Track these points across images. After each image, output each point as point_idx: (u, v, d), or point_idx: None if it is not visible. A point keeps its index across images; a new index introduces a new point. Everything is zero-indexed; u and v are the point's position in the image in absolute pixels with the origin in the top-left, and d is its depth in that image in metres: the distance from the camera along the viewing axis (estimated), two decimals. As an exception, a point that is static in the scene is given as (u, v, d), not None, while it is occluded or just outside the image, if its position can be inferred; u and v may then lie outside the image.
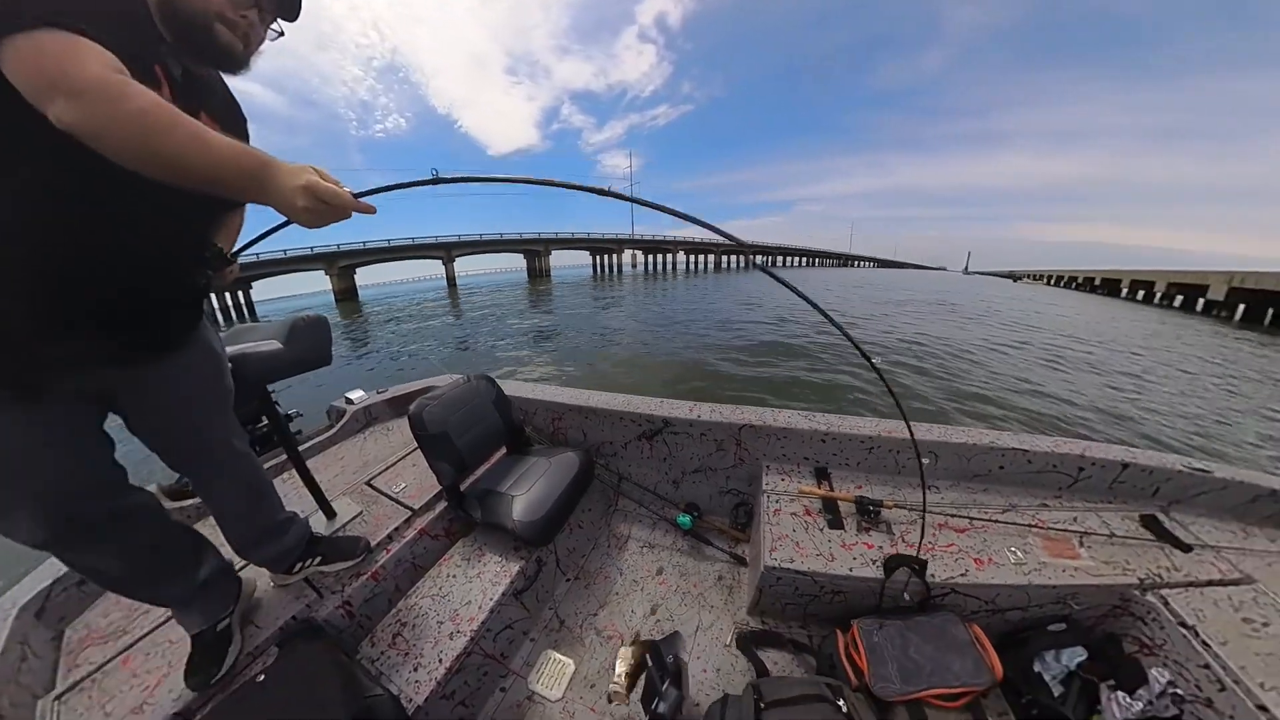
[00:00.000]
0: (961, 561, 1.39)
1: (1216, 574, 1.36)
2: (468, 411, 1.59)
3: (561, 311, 19.55)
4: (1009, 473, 1.71)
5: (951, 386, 7.74)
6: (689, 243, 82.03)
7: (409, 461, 1.80)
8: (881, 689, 1.17)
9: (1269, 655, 1.12)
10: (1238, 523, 1.59)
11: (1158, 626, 1.27)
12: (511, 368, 9.28)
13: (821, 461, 1.80)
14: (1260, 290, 21.98)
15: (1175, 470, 1.61)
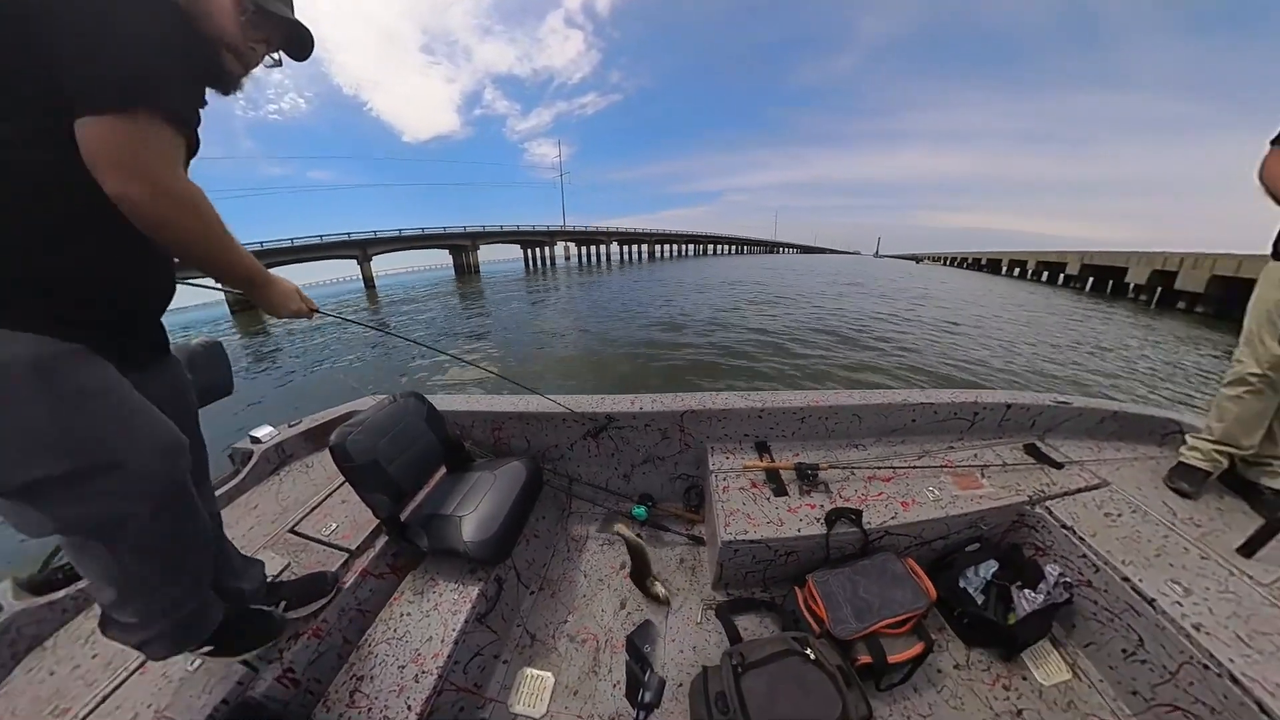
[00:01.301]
0: (890, 506, 1.54)
1: (1082, 483, 1.65)
2: (398, 434, 1.48)
3: (495, 311, 18.27)
4: (920, 424, 1.93)
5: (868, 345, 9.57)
6: (622, 233, 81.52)
7: (337, 498, 1.63)
8: (841, 630, 1.27)
9: (1124, 539, 1.39)
10: (1092, 440, 1.94)
11: (1046, 532, 1.52)
12: (443, 378, 8.59)
13: (761, 436, 1.91)
14: (1102, 266, 28.05)
15: (1045, 405, 1.93)
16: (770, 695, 1.09)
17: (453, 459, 1.70)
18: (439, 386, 8.09)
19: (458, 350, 10.84)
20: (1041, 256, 38.41)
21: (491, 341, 11.97)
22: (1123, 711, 1.22)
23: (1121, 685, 1.26)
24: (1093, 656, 1.34)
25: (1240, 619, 1.14)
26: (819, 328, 11.53)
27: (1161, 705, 1.16)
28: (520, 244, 64.23)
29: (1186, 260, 20.88)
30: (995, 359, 9.01)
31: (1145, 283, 22.94)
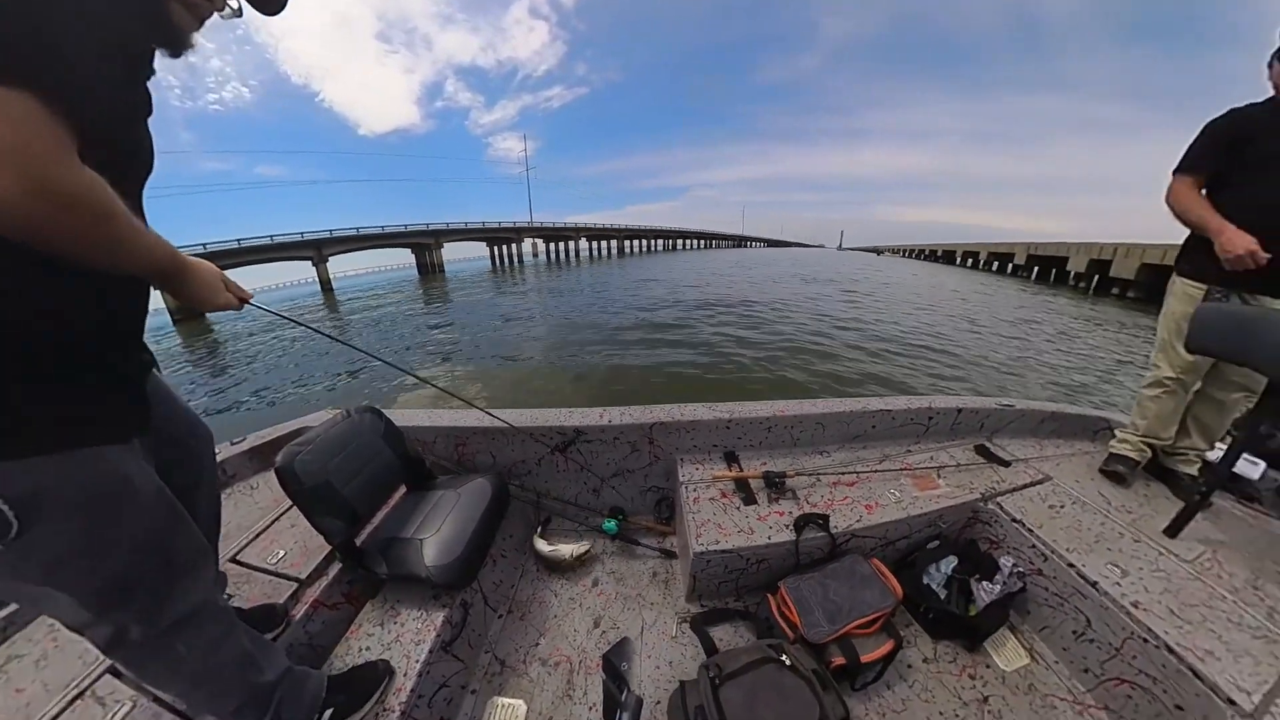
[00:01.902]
0: (855, 509, 1.59)
1: (1028, 479, 1.77)
2: (352, 453, 1.38)
3: (461, 314, 17.33)
4: (880, 430, 2.02)
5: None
6: (590, 229, 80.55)
7: (285, 523, 1.51)
8: (814, 634, 1.28)
9: (1068, 528, 1.50)
10: (1034, 439, 2.10)
11: (998, 526, 1.61)
12: (405, 390, 8.09)
13: (729, 446, 1.93)
14: (1046, 256, 31.03)
15: (992, 408, 2.08)
16: (749, 705, 1.07)
17: (413, 477, 1.61)
18: (407, 400, 7.72)
19: (419, 361, 10.40)
20: (992, 248, 41.73)
21: (457, 350, 11.45)
22: (1077, 689, 1.29)
23: (1074, 664, 1.33)
24: (1047, 639, 1.41)
25: (1171, 594, 1.24)
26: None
27: (1110, 680, 1.23)
28: (486, 241, 61.50)
29: (1120, 250, 23.06)
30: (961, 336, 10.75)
31: (1084, 271, 25.33)
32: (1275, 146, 1.47)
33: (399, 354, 11.24)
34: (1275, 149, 1.47)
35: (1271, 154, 1.47)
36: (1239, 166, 1.52)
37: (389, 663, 1.11)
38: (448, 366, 9.81)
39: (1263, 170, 1.47)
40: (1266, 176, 1.46)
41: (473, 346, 11.70)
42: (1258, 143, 1.50)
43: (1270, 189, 1.45)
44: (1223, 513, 1.57)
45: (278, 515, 1.52)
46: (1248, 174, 1.50)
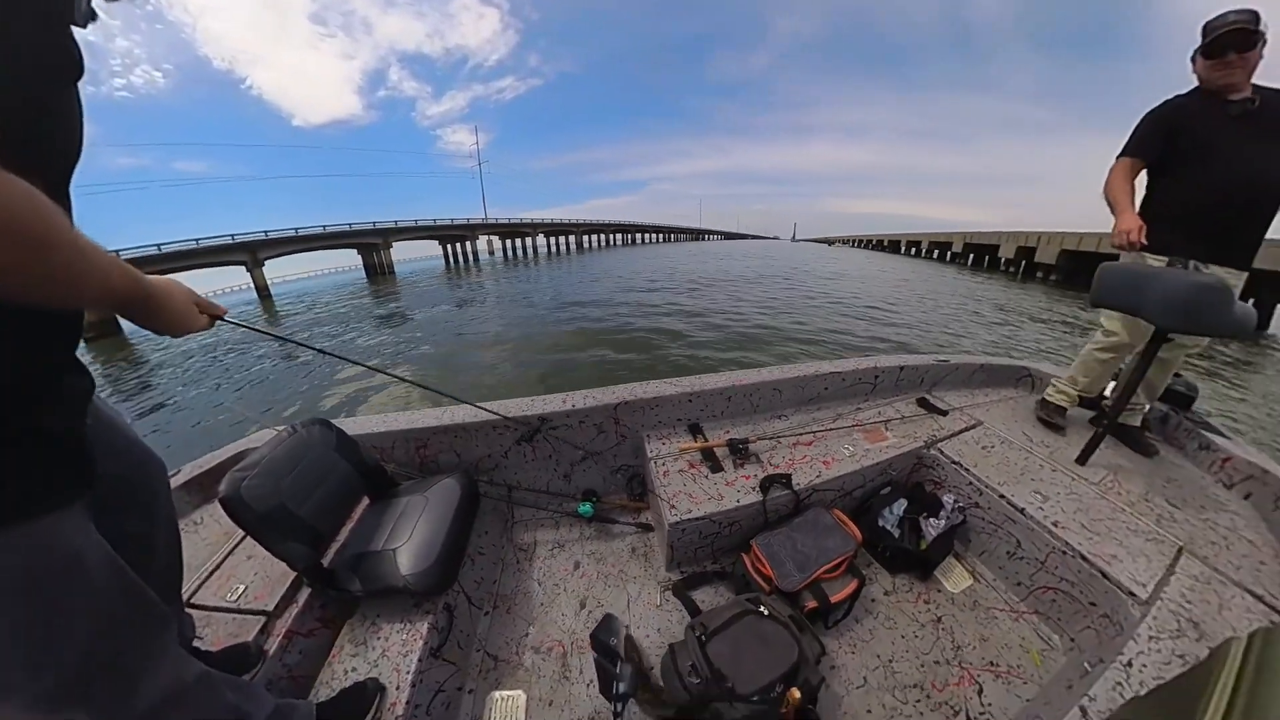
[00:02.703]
0: (814, 466, 1.70)
1: (962, 425, 1.97)
2: (304, 470, 1.29)
3: (415, 316, 15.99)
4: (831, 391, 2.16)
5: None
6: (548, 224, 77.86)
7: (240, 555, 1.39)
8: (787, 583, 1.37)
9: (998, 465, 1.69)
10: (967, 389, 2.34)
11: (940, 468, 1.78)
12: (358, 403, 7.61)
13: (692, 419, 1.98)
14: (980, 244, 33.87)
15: (930, 364, 2.28)
16: (735, 655, 1.14)
17: (375, 487, 1.54)
18: (360, 409, 7.28)
19: (377, 364, 9.84)
20: (933, 237, 45.99)
21: (413, 354, 10.74)
22: (1013, 600, 1.48)
23: (1009, 579, 1.52)
24: (986, 562, 1.60)
25: (1082, 512, 1.44)
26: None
27: (1039, 588, 1.42)
28: (439, 239, 57.22)
29: (1043, 238, 25.78)
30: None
31: (1013, 257, 28.21)
32: (1205, 135, 1.57)
33: (361, 360, 10.53)
34: (1205, 137, 1.57)
35: (1202, 142, 1.58)
36: (1177, 154, 1.63)
37: (378, 680, 1.08)
38: (405, 370, 9.28)
39: (1196, 157, 1.59)
40: (1200, 163, 1.59)
41: (429, 350, 11.02)
42: (1190, 132, 1.60)
43: (1204, 174, 1.57)
44: (1117, 440, 1.81)
45: (231, 548, 1.40)
46: (1184, 161, 1.62)
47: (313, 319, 17.30)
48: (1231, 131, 1.53)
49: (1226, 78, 1.52)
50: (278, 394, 8.65)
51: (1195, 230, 1.61)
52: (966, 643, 1.37)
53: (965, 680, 1.27)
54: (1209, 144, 1.56)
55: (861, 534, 1.53)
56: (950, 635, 1.39)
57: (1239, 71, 1.50)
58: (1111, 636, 1.20)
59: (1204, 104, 1.59)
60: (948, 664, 1.32)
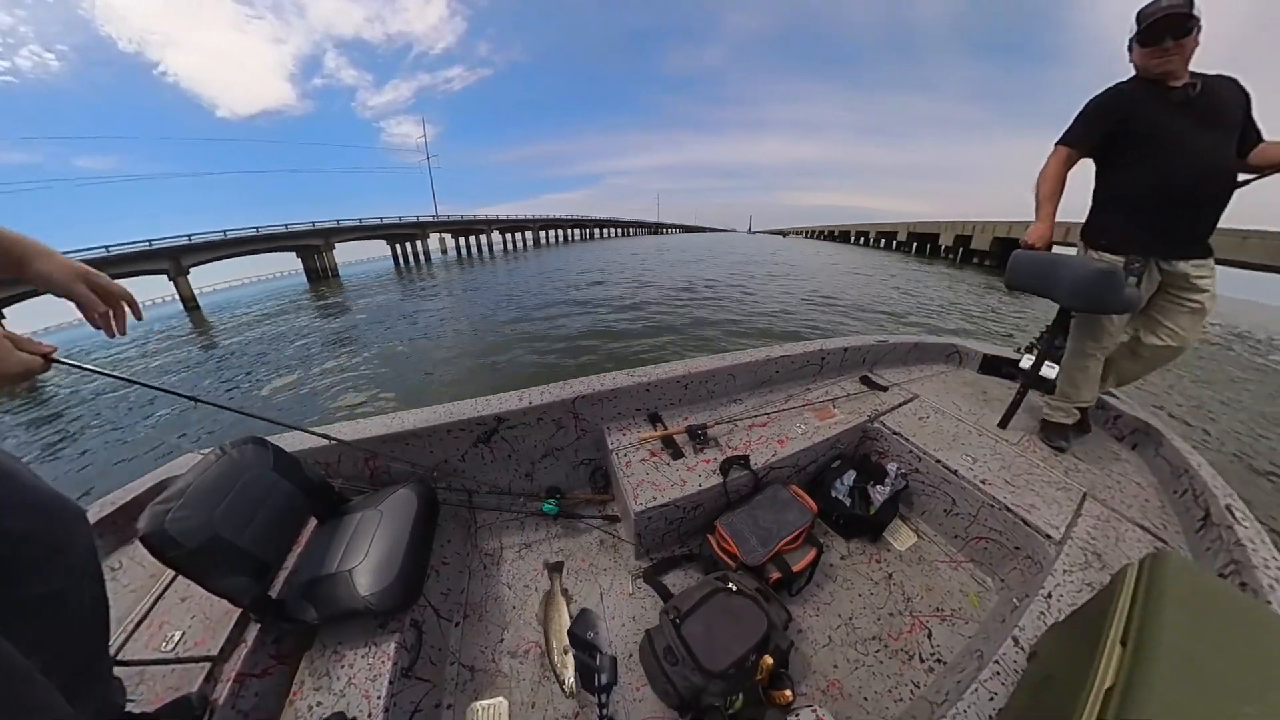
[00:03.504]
0: (770, 446, 1.77)
1: (901, 399, 2.12)
2: (240, 494, 1.18)
3: (363, 323, 14.42)
4: (782, 374, 2.27)
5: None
6: (503, 220, 74.38)
7: (172, 598, 1.25)
8: (751, 558, 1.43)
9: (933, 433, 1.84)
10: (904, 366, 2.53)
11: (883, 440, 1.91)
12: (306, 418, 6.78)
13: (651, 408, 2.01)
14: (923, 233, 37.17)
15: (871, 344, 2.45)
16: (709, 633, 1.18)
17: (322, 506, 1.43)
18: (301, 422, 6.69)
19: (320, 385, 8.52)
20: (880, 228, 50.05)
21: (361, 363, 9.69)
22: (951, 552, 1.63)
23: (948, 534, 1.67)
24: (927, 520, 1.75)
25: (1005, 469, 1.61)
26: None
27: (973, 539, 1.57)
28: (386, 239, 52.47)
29: (978, 226, 28.85)
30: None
31: (952, 245, 31.35)
32: (1148, 124, 1.51)
33: (301, 376, 9.16)
34: (1148, 127, 1.51)
35: (1146, 132, 1.52)
36: (1120, 144, 1.58)
37: (343, 714, 1.00)
38: (351, 380, 8.48)
39: (1140, 148, 1.54)
40: (1145, 154, 1.54)
41: (380, 357, 10.06)
42: (1132, 121, 1.53)
43: (1150, 165, 1.52)
44: (1033, 406, 2.02)
45: (160, 592, 1.25)
46: (1129, 152, 1.57)
47: (257, 336, 15.07)
48: (1174, 120, 1.47)
49: (1164, 65, 1.45)
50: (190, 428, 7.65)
51: (1148, 224, 1.57)
52: (915, 594, 1.50)
53: (916, 627, 1.39)
54: (1153, 134, 1.51)
55: (817, 505, 1.62)
56: (901, 589, 1.52)
57: (1176, 58, 1.44)
58: (1034, 574, 1.35)
59: (1145, 92, 1.52)
60: (900, 615, 1.44)
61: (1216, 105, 1.46)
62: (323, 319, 16.59)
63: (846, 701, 1.22)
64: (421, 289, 21.37)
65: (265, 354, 11.98)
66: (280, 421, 1.51)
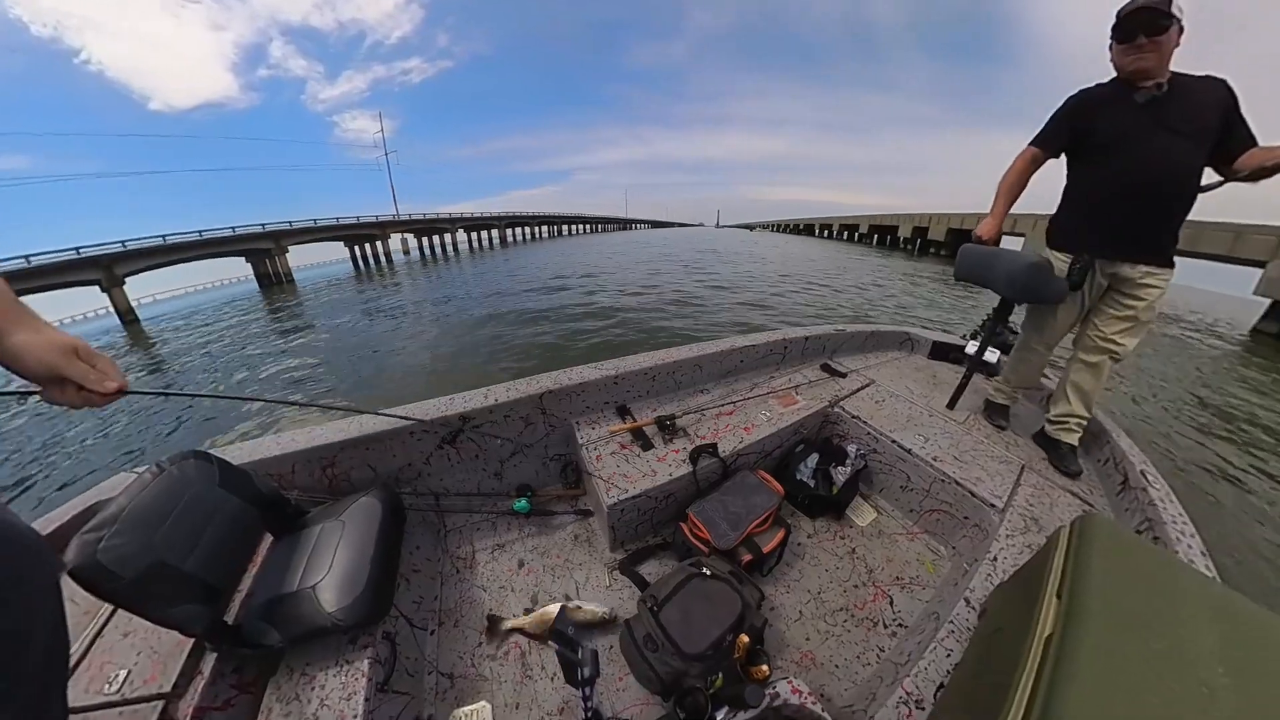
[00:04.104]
0: (737, 434, 1.83)
1: (859, 384, 2.25)
2: (184, 515, 1.09)
3: (322, 337, 12.99)
4: (747, 363, 2.34)
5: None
6: (468, 218, 70.84)
7: (113, 634, 1.13)
8: (723, 543, 1.47)
9: (889, 416, 1.95)
10: (861, 353, 2.68)
11: (844, 423, 2.01)
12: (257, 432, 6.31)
13: (619, 401, 2.02)
14: (883, 225, 39.72)
15: (830, 333, 2.57)
16: (686, 617, 1.21)
17: (278, 521, 1.35)
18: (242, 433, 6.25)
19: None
20: (842, 221, 53.30)
21: (324, 376, 9.03)
22: (908, 525, 1.74)
23: (904, 508, 1.79)
24: (885, 497, 1.86)
25: (954, 445, 1.74)
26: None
27: (927, 511, 1.69)
28: (344, 241, 48.52)
29: (934, 219, 30.86)
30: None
31: (910, 236, 33.56)
32: (1110, 127, 1.49)
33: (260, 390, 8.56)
34: (1110, 129, 1.49)
35: (1107, 135, 1.51)
36: (1084, 146, 1.58)
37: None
38: (304, 389, 8.01)
39: (1101, 150, 1.54)
40: (1104, 156, 1.53)
41: (335, 364, 9.47)
42: (1097, 122, 1.52)
43: (1107, 168, 1.53)
44: (978, 387, 2.19)
45: (98, 630, 1.13)
46: (1091, 154, 1.57)
47: (201, 345, 13.74)
48: (1137, 122, 1.45)
49: (1137, 63, 1.42)
50: (138, 443, 7.02)
51: (1100, 225, 1.57)
52: (877, 565, 1.59)
53: (879, 596, 1.49)
54: (1114, 136, 1.50)
55: (783, 488, 1.69)
56: (864, 562, 1.61)
57: (1151, 56, 1.39)
58: (981, 540, 1.47)
59: (1114, 93, 1.50)
60: (864, 586, 1.53)
61: (1186, 108, 1.41)
62: (275, 327, 15.33)
63: (819, 670, 1.29)
64: (382, 294, 20.10)
65: (212, 367, 11.05)
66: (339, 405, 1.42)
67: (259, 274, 37.56)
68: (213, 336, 15.07)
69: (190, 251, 34.45)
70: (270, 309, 20.25)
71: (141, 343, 16.97)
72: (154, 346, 15.76)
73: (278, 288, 33.09)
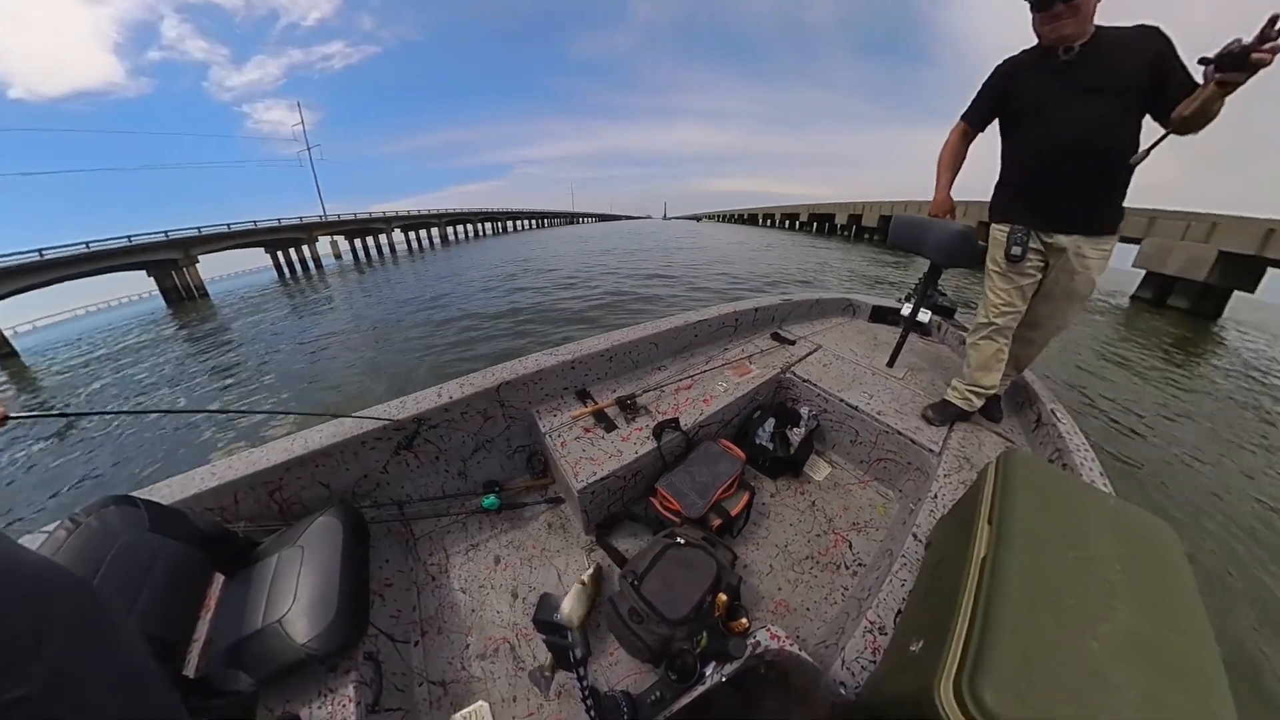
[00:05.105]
0: (697, 406, 1.89)
1: (807, 350, 2.38)
2: (111, 571, 0.97)
3: (237, 345, 11.72)
4: (701, 337, 2.41)
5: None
6: (405, 217, 64.98)
7: None
8: (694, 511, 1.54)
9: (836, 377, 2.09)
10: (807, 320, 2.83)
11: (795, 388, 2.13)
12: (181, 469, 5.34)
13: (578, 385, 2.01)
14: (821, 214, 41.73)
15: (777, 303, 2.69)
16: (667, 587, 1.27)
17: (226, 558, 1.25)
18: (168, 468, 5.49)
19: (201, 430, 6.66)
20: (785, 210, 56.10)
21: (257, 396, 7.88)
22: (860, 474, 1.91)
23: (855, 460, 1.95)
24: (838, 451, 2.01)
25: (894, 400, 1.91)
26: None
27: (875, 460, 1.86)
28: (265, 246, 42.29)
29: (867, 206, 33.14)
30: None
31: (846, 223, 35.81)
32: (1029, 95, 1.45)
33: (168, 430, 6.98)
34: (1029, 97, 1.45)
35: (1027, 103, 1.47)
36: (1008, 117, 1.56)
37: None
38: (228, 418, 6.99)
39: (1022, 120, 1.50)
40: (1025, 126, 1.50)
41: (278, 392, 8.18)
42: (1018, 91, 1.49)
43: (1028, 137, 1.50)
44: (914, 346, 2.40)
45: None
46: (1015, 124, 1.54)
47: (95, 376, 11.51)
48: (1051, 87, 1.41)
49: (1057, 30, 1.35)
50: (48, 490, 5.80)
51: (1023, 197, 1.55)
52: (835, 514, 1.74)
53: (839, 542, 1.62)
54: (1031, 104, 1.46)
55: (745, 453, 1.78)
56: (823, 513, 1.74)
57: (1069, 23, 1.33)
58: (923, 482, 1.63)
59: (1031, 60, 1.47)
60: (825, 534, 1.66)
61: (1108, 64, 1.32)
62: (189, 348, 13.10)
63: (793, 615, 1.40)
64: (313, 304, 17.87)
65: (115, 400, 9.41)
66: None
67: (165, 289, 32.33)
68: (106, 377, 12.38)
69: (75, 268, 28.84)
70: (182, 327, 17.41)
71: (22, 377, 14.03)
72: (43, 380, 13.18)
73: (188, 303, 29.02)
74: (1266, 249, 12.49)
